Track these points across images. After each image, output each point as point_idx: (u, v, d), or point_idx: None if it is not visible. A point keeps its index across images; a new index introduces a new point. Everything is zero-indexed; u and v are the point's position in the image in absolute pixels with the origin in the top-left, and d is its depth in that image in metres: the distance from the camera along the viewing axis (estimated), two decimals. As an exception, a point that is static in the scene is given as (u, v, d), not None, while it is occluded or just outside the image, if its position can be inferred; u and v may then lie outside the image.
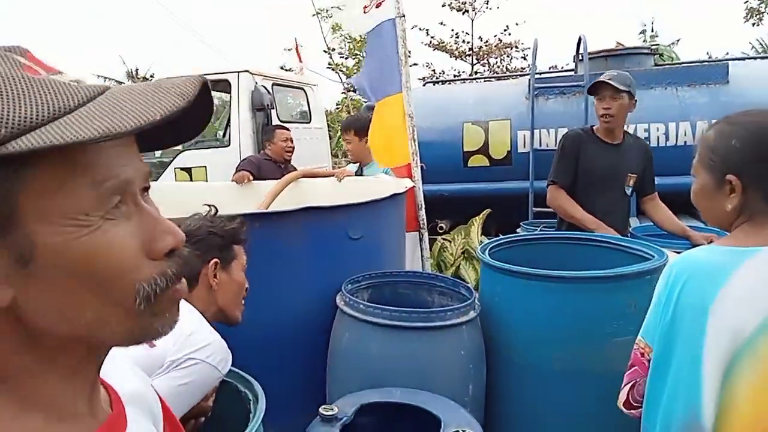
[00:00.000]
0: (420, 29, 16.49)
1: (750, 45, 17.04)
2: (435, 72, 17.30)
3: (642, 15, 23.83)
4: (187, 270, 1.49)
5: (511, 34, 16.33)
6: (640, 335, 1.31)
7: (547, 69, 10.40)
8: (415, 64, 17.33)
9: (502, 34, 16.34)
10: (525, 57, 16.18)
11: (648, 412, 1.27)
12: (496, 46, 16.68)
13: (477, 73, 16.16)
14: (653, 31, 16.71)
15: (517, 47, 16.44)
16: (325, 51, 15.70)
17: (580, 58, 5.44)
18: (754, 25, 17.95)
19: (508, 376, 2.16)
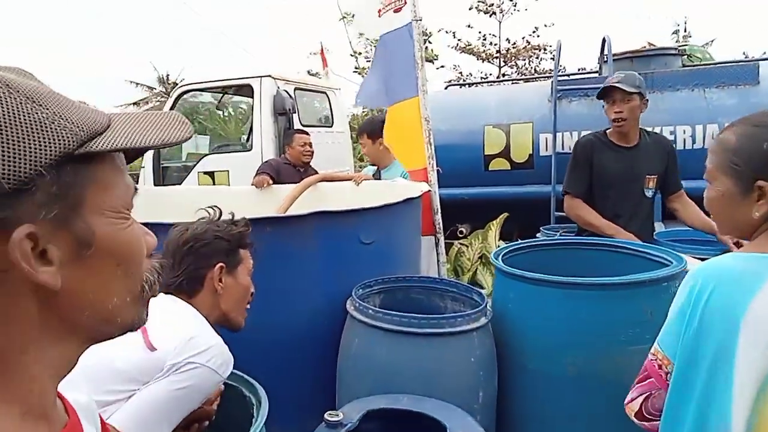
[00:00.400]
0: (446, 32, 16.46)
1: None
2: (462, 74, 17.22)
3: (675, 15, 23.27)
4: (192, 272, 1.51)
5: (540, 36, 16.20)
6: (657, 346, 1.22)
7: (576, 71, 10.27)
8: (442, 66, 17.30)
9: (530, 36, 16.21)
10: (554, 59, 15.97)
11: (670, 428, 1.19)
12: (524, 48, 16.55)
13: (504, 76, 16.03)
14: (686, 31, 16.39)
15: (545, 49, 16.27)
16: (352, 55, 15.76)
17: (604, 59, 5.36)
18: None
19: (521, 382, 2.13)
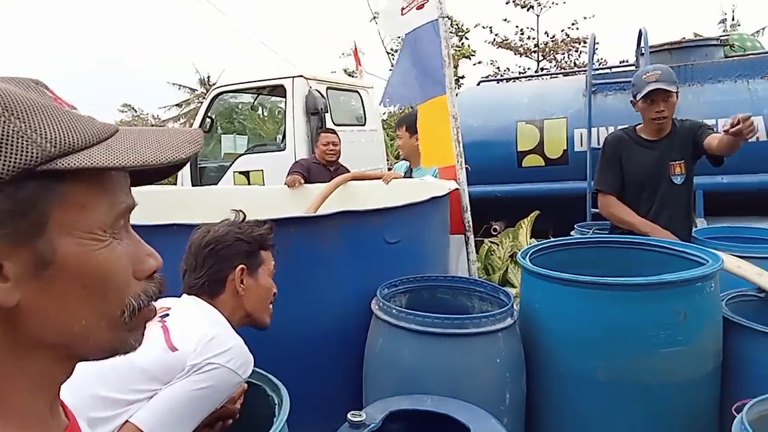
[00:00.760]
0: (483, 27, 16.28)
1: None
2: (499, 70, 17.02)
3: (722, 3, 22.41)
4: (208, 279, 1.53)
5: (579, 28, 15.87)
6: None
7: (618, 63, 10.01)
8: (479, 62, 17.13)
9: (569, 28, 15.90)
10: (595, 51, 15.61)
11: None
12: (562, 41, 16.24)
13: (542, 70, 15.77)
14: (734, 20, 15.80)
15: (585, 42, 15.93)
16: (388, 53, 15.76)
17: (641, 52, 5.20)
18: None
19: (551, 384, 2.09)
